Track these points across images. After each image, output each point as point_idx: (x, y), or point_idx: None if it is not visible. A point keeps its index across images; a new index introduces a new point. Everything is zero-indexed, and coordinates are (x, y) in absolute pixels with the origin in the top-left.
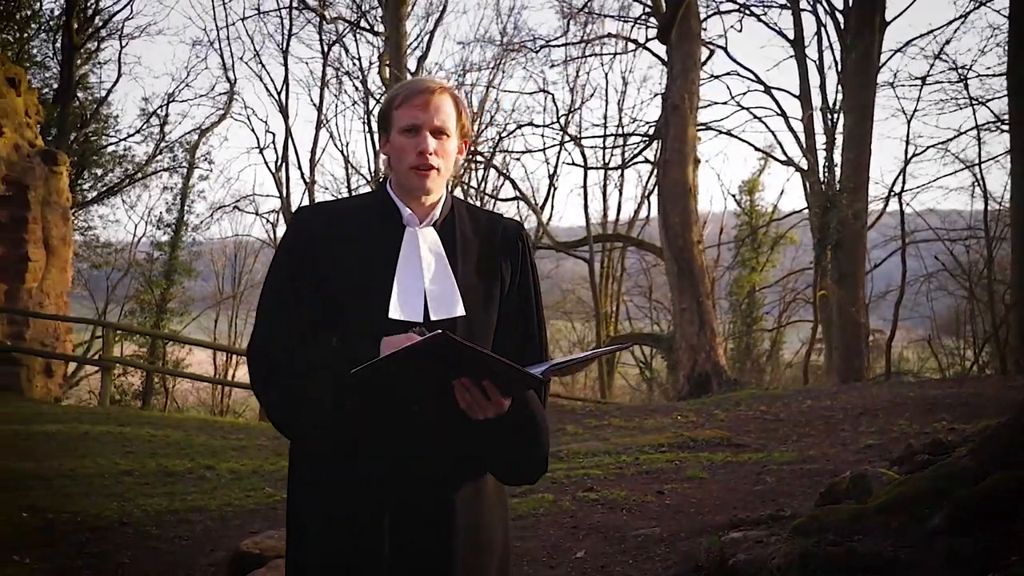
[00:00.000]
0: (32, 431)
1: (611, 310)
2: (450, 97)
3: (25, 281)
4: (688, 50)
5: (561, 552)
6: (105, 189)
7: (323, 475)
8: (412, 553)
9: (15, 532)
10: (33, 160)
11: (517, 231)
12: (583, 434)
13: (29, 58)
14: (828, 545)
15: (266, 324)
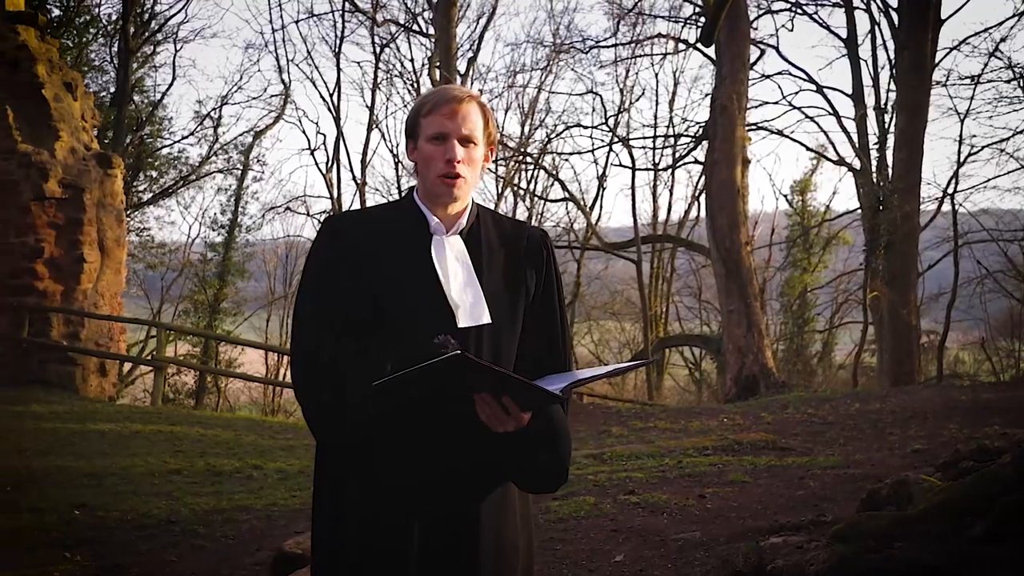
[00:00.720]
0: (86, 430)
1: (661, 311)
2: (477, 106)
3: (80, 282)
4: (737, 50)
5: (600, 556)
6: (160, 191)
7: (352, 482)
8: (438, 559)
9: (67, 529)
10: (88, 163)
11: (541, 239)
12: (628, 436)
13: (87, 63)
14: (867, 552)
15: (304, 335)
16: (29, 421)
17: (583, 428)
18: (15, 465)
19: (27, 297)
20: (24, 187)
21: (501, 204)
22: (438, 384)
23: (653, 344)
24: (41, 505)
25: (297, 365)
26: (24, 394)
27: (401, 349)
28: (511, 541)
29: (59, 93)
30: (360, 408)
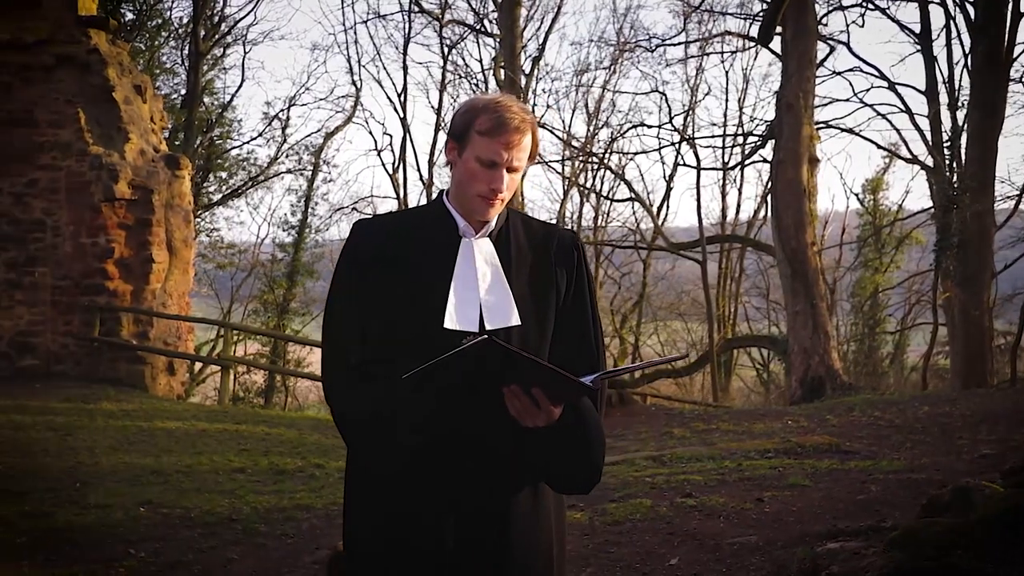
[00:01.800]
0: (153, 428)
1: (729, 312)
2: (531, 131)
3: (149, 282)
4: (804, 48)
5: (654, 559)
6: (229, 191)
7: (383, 484)
8: (469, 555)
9: (132, 526)
10: (157, 164)
11: (572, 241)
12: (690, 438)
13: (159, 65)
14: (924, 560)
15: (334, 336)
16: (100, 419)
17: (645, 429)
18: (85, 462)
19: (98, 297)
20: (95, 188)
21: (567, 203)
22: (467, 374)
23: (719, 345)
24: (108, 502)
25: (326, 370)
26: (95, 392)
27: (430, 351)
28: (544, 540)
29: (129, 96)
30: (389, 417)
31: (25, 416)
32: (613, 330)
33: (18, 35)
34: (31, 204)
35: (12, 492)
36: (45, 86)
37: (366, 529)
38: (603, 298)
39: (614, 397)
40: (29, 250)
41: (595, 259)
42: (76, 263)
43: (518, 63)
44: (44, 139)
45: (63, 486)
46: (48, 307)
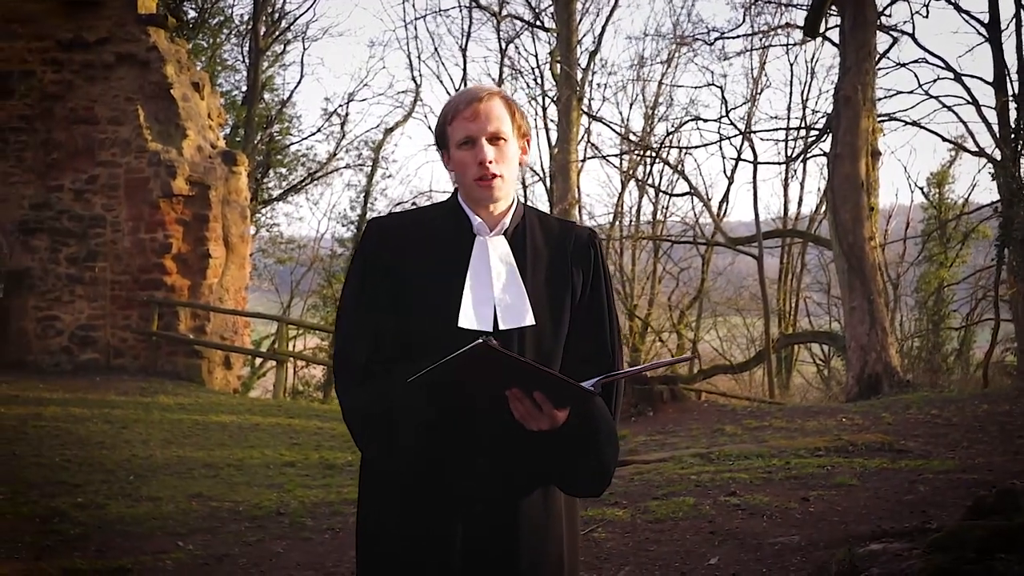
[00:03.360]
0: (208, 421)
1: (789, 307)
2: (500, 100)
3: (206, 277)
4: (862, 39)
5: (694, 558)
6: (289, 187)
7: (392, 483)
8: (480, 555)
9: (182, 519)
10: (214, 161)
11: (589, 238)
12: (741, 435)
13: (221, 62)
14: (966, 563)
15: (346, 334)
16: (156, 412)
17: (696, 426)
18: (139, 454)
19: (156, 291)
20: (154, 185)
21: (625, 197)
22: (469, 378)
23: (778, 341)
24: (160, 494)
25: (337, 368)
26: (153, 385)
27: (444, 350)
28: (554, 541)
29: (187, 93)
30: (399, 416)
31: (84, 409)
32: (671, 326)
33: (80, 34)
34: (92, 200)
35: (68, 484)
36: (106, 84)
37: (376, 527)
38: (661, 293)
39: (666, 393)
40: (90, 245)
41: (654, 254)
42: (135, 258)
43: (574, 57)
44: (104, 136)
45: (117, 478)
46: (108, 302)
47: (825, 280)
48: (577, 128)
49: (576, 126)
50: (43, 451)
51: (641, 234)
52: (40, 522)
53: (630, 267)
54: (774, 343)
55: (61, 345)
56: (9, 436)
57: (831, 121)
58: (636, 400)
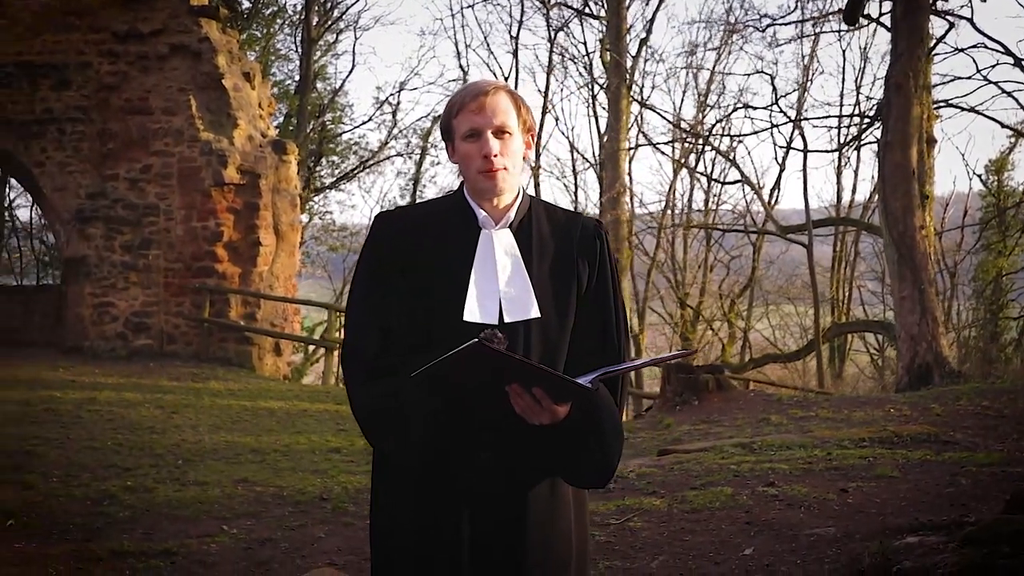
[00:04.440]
0: (257, 407)
1: (843, 295)
2: (506, 94)
3: (257, 264)
4: (915, 24)
5: (729, 548)
6: (341, 175)
7: (401, 476)
8: (488, 546)
9: (227, 503)
10: (264, 150)
11: (595, 230)
12: (786, 425)
13: (274, 52)
14: (1000, 558)
15: (355, 329)
16: (206, 398)
17: (741, 416)
18: (188, 439)
19: (208, 279)
20: (205, 173)
21: (676, 185)
22: (468, 375)
23: (830, 330)
24: (207, 479)
25: (346, 361)
26: (204, 371)
27: (450, 344)
28: (562, 534)
29: (238, 83)
30: (406, 410)
31: (137, 394)
32: (722, 314)
33: (135, 26)
34: (145, 189)
35: (119, 467)
36: (159, 74)
37: (388, 520)
38: (712, 282)
39: (711, 382)
40: (144, 233)
41: (705, 242)
42: (187, 246)
43: (624, 45)
44: (158, 126)
45: (166, 463)
46: (161, 289)
47: (879, 268)
48: (627, 116)
49: (626, 114)
50: (96, 435)
51: (691, 222)
52: (91, 504)
53: (681, 255)
54: (825, 332)
55: (116, 331)
56: (64, 420)
57: (882, 108)
58: (681, 389)
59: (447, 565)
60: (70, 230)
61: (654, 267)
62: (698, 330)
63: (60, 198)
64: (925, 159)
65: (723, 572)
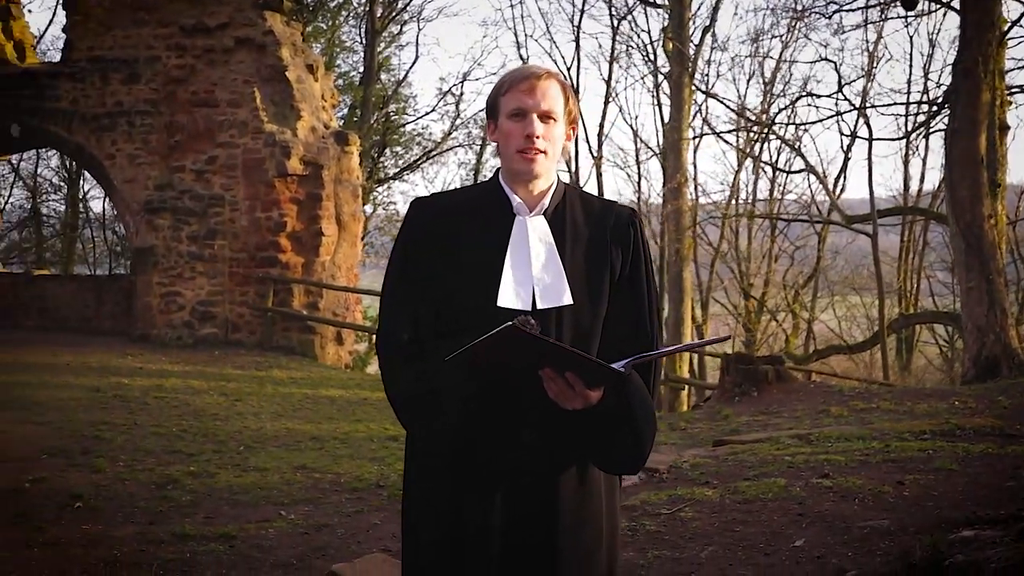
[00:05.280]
0: (318, 395)
1: (911, 286)
2: (557, 83)
3: (319, 254)
4: (985, 8)
5: (780, 539)
6: (405, 166)
7: (434, 460)
8: (519, 530)
9: (286, 489)
10: (327, 141)
11: (629, 218)
12: (846, 416)
13: (339, 43)
14: None
15: (389, 314)
16: (269, 386)
17: (801, 407)
18: (250, 426)
19: (271, 268)
20: (269, 165)
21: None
22: (501, 358)
23: (895, 321)
24: (267, 465)
25: (380, 346)
26: (267, 360)
27: (484, 329)
28: (593, 511)
29: (301, 75)
30: (443, 395)
31: (202, 381)
32: (785, 305)
33: (202, 20)
34: (211, 180)
35: (183, 453)
36: (225, 67)
37: (417, 504)
38: (776, 272)
39: (770, 373)
40: (209, 224)
41: (770, 232)
42: (251, 236)
43: (687, 33)
44: (223, 118)
45: (228, 449)
46: (226, 278)
47: (949, 258)
48: (689, 105)
49: (688, 103)
50: (162, 421)
51: (753, 211)
52: (155, 488)
53: (745, 245)
54: (891, 324)
55: (182, 320)
56: (132, 406)
57: (950, 95)
58: (740, 380)
59: (477, 549)
60: (139, 221)
61: (718, 257)
62: (762, 321)
63: (129, 189)
64: (997, 146)
65: (773, 563)
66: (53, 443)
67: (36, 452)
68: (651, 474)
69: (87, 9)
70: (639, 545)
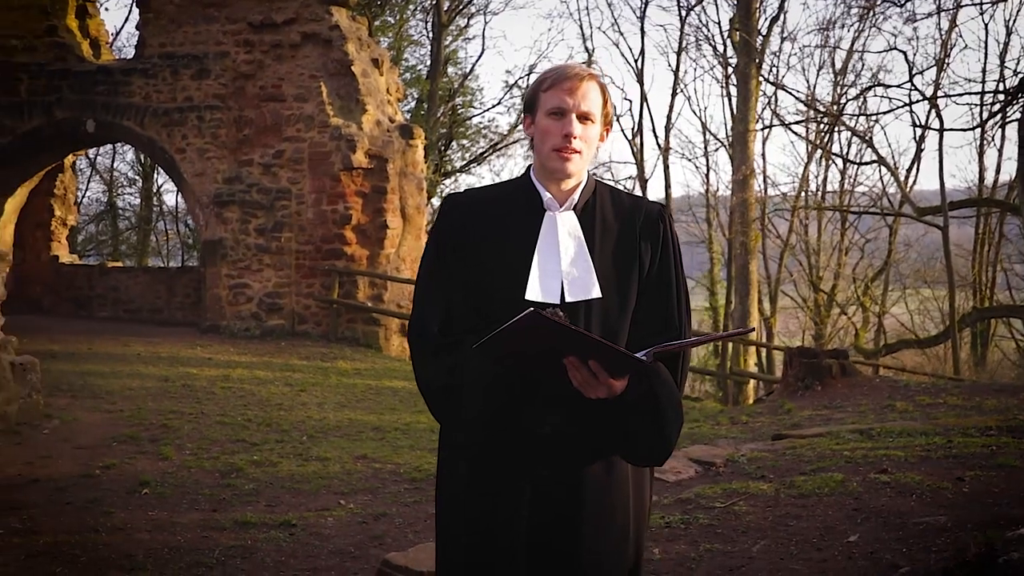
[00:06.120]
0: (381, 386)
1: (986, 279)
2: (597, 84)
3: (384, 247)
4: None
5: (833, 535)
6: (471, 159)
7: (463, 450)
8: (546, 516)
9: (347, 479)
10: (392, 134)
11: (659, 213)
12: (911, 412)
13: (406, 37)
14: None
15: (421, 305)
16: (333, 376)
17: (865, 402)
18: (314, 416)
19: (337, 261)
20: (335, 158)
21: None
22: (526, 345)
23: (968, 315)
24: (329, 455)
25: (411, 337)
26: (333, 351)
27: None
28: (620, 502)
29: (367, 69)
30: (472, 383)
31: (268, 372)
32: (856, 298)
33: (270, 16)
34: (278, 174)
35: (247, 442)
36: (292, 62)
37: (449, 492)
38: (847, 265)
39: (835, 367)
40: (276, 217)
41: (840, 225)
42: (317, 229)
43: (754, 23)
44: (290, 112)
45: (291, 438)
46: (292, 270)
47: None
48: (756, 96)
49: (755, 95)
50: (228, 410)
51: (820, 204)
52: (219, 476)
53: (815, 238)
54: (964, 317)
55: (250, 311)
56: (199, 396)
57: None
58: (803, 374)
59: (505, 539)
60: (208, 214)
61: (787, 250)
62: (831, 315)
63: (199, 183)
64: None
65: (825, 558)
66: (123, 431)
67: (107, 439)
68: (707, 467)
69: (159, 6)
70: (691, 538)
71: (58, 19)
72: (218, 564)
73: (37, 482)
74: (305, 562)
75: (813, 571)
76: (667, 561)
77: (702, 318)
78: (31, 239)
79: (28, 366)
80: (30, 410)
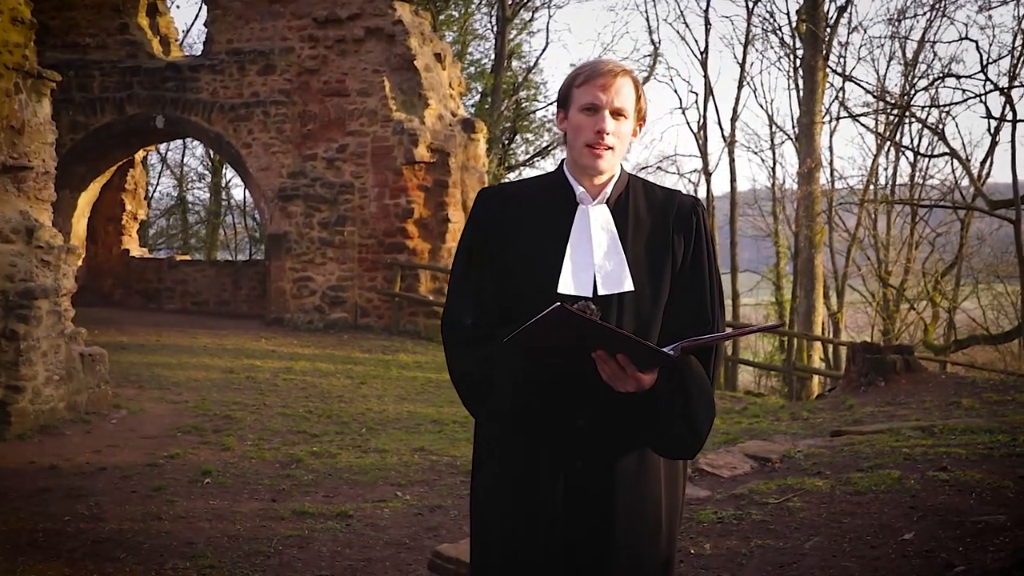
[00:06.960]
0: (441, 379)
1: None
2: (631, 80)
3: (445, 241)
4: None
5: (888, 532)
6: (535, 152)
7: (498, 441)
8: (579, 508)
9: (403, 470)
10: (454, 128)
11: (692, 207)
12: (977, 409)
13: (471, 31)
14: None
15: (454, 298)
16: (394, 369)
17: (930, 398)
18: (373, 408)
19: (399, 254)
20: (397, 152)
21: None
22: (554, 339)
23: None
24: (387, 447)
25: (445, 329)
26: (394, 344)
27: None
28: (652, 495)
29: (429, 63)
30: (505, 373)
31: (330, 364)
32: (925, 293)
33: (334, 11)
34: (341, 168)
35: (308, 434)
36: (356, 57)
37: (484, 485)
38: (916, 260)
39: (899, 363)
40: (339, 210)
41: (911, 219)
42: (380, 222)
43: (821, 13)
44: (354, 107)
45: (351, 430)
46: (355, 264)
47: None
48: (823, 88)
49: (821, 86)
50: (289, 402)
51: (889, 197)
52: (279, 467)
53: (884, 232)
54: None
55: (314, 304)
56: (262, 388)
57: None
58: (866, 369)
59: (538, 532)
60: (273, 208)
61: (855, 244)
62: (900, 310)
63: (264, 177)
64: None
65: (878, 556)
66: (187, 421)
67: (172, 429)
68: (763, 463)
69: (227, 3)
70: (743, 534)
71: (129, 17)
72: (275, 553)
73: (104, 470)
74: (360, 552)
75: (865, 569)
76: (717, 556)
77: (768, 312)
78: (102, 233)
79: (97, 357)
80: (98, 400)
